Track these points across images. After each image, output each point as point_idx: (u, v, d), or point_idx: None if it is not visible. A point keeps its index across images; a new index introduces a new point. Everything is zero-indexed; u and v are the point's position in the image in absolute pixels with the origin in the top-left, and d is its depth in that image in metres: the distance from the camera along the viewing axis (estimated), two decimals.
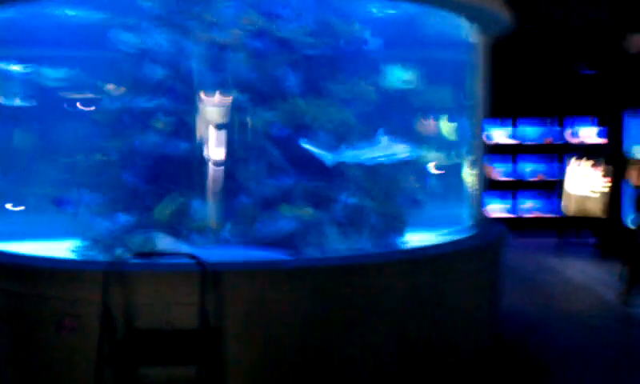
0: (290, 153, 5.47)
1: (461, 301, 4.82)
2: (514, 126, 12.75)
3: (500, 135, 12.70)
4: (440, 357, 4.68)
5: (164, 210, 5.21)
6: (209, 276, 3.76)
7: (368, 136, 5.58)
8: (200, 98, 5.26)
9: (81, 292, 4.06)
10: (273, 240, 5.20)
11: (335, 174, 5.59)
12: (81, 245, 5.35)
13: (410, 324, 4.47)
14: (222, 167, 5.25)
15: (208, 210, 5.21)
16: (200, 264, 3.66)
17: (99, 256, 5.15)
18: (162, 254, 4.28)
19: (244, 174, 5.28)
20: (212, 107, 5.27)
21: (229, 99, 5.27)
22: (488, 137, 12.22)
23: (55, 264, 4.22)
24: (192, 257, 3.71)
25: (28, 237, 5.23)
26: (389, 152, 5.65)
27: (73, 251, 5.28)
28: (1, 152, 5.59)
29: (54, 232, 5.43)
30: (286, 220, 5.24)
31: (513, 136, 12.80)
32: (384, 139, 5.60)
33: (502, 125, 12.50)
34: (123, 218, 5.24)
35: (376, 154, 5.55)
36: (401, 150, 5.75)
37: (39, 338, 4.26)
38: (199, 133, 5.29)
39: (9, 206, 5.48)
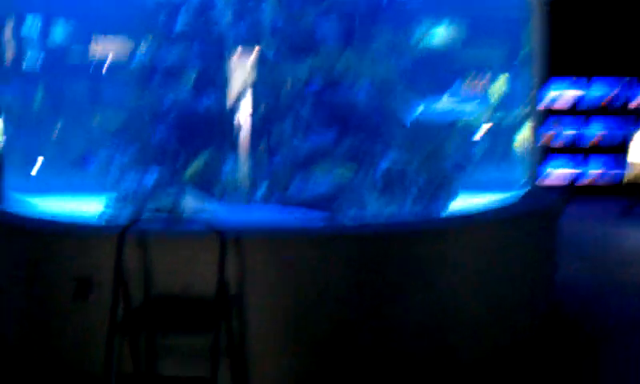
0: (328, 110, 5.11)
1: (512, 271, 4.40)
2: (587, 85, 11.75)
3: (569, 95, 11.78)
4: (490, 332, 4.29)
5: (195, 167, 4.95)
6: (228, 241, 3.46)
7: (412, 93, 5.17)
8: (231, 50, 4.94)
9: (97, 255, 3.83)
10: (307, 202, 4.89)
11: (377, 132, 5.21)
12: (109, 203, 5.15)
13: (456, 296, 4.08)
14: (255, 124, 4.95)
15: (240, 169, 4.92)
16: (217, 229, 3.36)
17: (127, 215, 4.93)
18: (179, 219, 4.01)
19: (278, 131, 4.95)
20: (243, 60, 4.95)
21: (261, 51, 4.94)
22: (554, 98, 11.55)
23: (70, 224, 3.99)
24: (208, 222, 3.43)
25: (58, 193, 5.07)
26: (444, 109, 5.24)
27: (101, 210, 5.08)
28: (30, 110, 5.42)
29: (84, 189, 5.26)
30: (321, 181, 4.91)
31: (583, 97, 11.80)
32: (432, 98, 5.20)
33: (574, 84, 11.71)
34: (152, 176, 5.01)
35: (431, 111, 5.16)
36: (455, 108, 5.32)
37: (56, 303, 4.08)
38: (231, 88, 4.98)
39: (39, 162, 5.32)
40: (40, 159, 5.26)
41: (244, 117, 4.95)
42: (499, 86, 5.77)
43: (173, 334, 3.52)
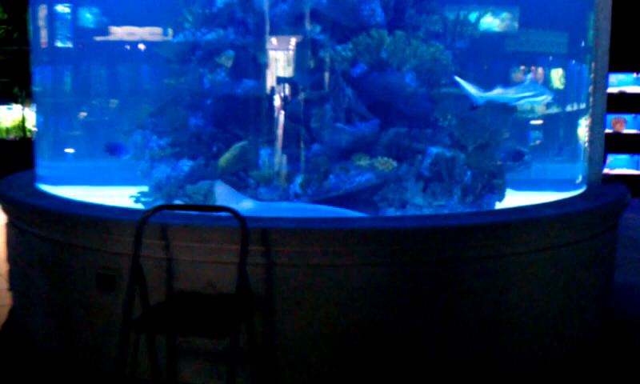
0: (372, 95, 4.77)
1: (566, 274, 4.00)
2: None
3: (633, 87, 11.11)
4: (542, 340, 3.91)
5: (229, 157, 4.69)
6: (252, 232, 3.19)
7: (463, 80, 4.78)
8: (270, 31, 4.66)
9: (118, 245, 3.61)
10: (347, 195, 4.57)
11: (424, 121, 4.85)
12: (141, 193, 4.94)
13: (498, 301, 3.72)
14: (293, 111, 4.65)
15: (276, 159, 4.64)
16: (240, 219, 3.09)
17: (157, 203, 4.71)
18: (198, 207, 3.75)
19: (317, 118, 4.64)
20: (283, 42, 4.66)
21: (304, 32, 4.64)
22: (618, 86, 10.89)
23: (91, 211, 3.78)
24: (229, 210, 3.16)
25: (90, 183, 4.89)
26: (498, 97, 4.85)
27: (132, 200, 4.88)
28: (61, 95, 5.25)
29: (116, 178, 5.08)
30: (363, 173, 4.58)
31: None
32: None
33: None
34: (185, 165, 4.78)
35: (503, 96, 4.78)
36: (510, 96, 4.93)
37: (80, 293, 3.89)
38: (269, 71, 4.70)
39: (69, 150, 5.15)
40: (71, 150, 5.09)
41: (282, 102, 4.66)
42: (560, 72, 5.33)
43: (192, 336, 3.26)
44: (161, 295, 3.51)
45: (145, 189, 4.98)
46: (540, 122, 5.26)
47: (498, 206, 4.85)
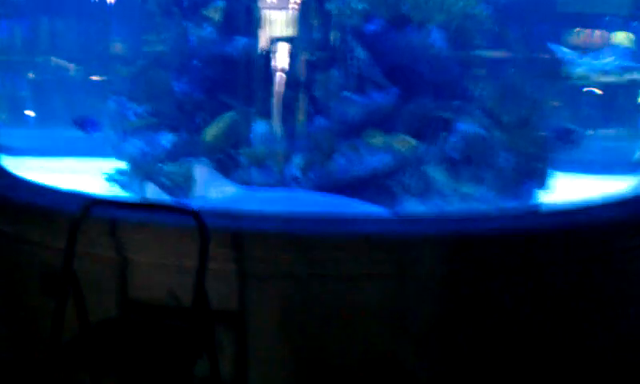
0: (388, 59, 3.95)
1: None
2: None
3: None
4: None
5: (216, 131, 3.93)
6: (220, 236, 2.44)
7: (499, 42, 3.94)
8: None
9: (62, 240, 2.86)
10: (357, 180, 3.79)
11: (452, 90, 4.03)
12: (118, 170, 4.21)
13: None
14: (293, 76, 3.86)
15: (272, 135, 3.86)
16: (197, 220, 2.33)
17: (134, 184, 3.99)
18: (141, 205, 2.95)
19: (322, 86, 3.84)
20: None
21: None
22: None
23: (36, 197, 3.05)
24: (180, 210, 2.40)
25: (57, 153, 4.17)
26: (542, 65, 4.03)
27: (105, 178, 4.15)
28: (19, 52, 4.47)
29: (88, 149, 4.34)
30: (376, 153, 3.79)
31: None
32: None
33: None
34: (165, 139, 4.03)
35: None
36: (556, 63, 4.11)
37: (26, 294, 3.17)
38: (264, 27, 3.89)
39: (29, 112, 4.40)
40: (31, 113, 4.34)
41: (280, 64, 3.86)
42: (619, 37, 4.43)
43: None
44: (111, 304, 2.77)
45: (124, 165, 4.25)
46: (595, 91, 4.38)
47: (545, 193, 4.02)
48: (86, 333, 2.49)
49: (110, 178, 4.14)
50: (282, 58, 3.84)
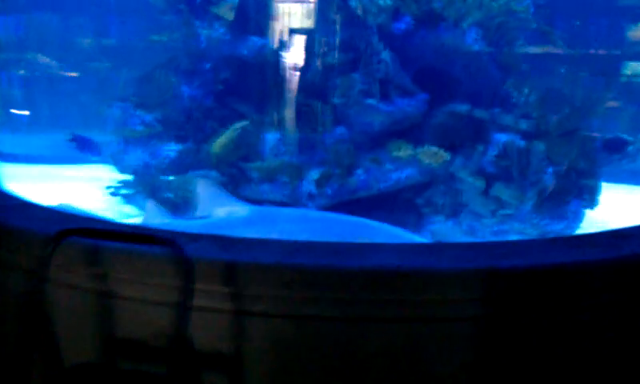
0: (418, 62, 3.53)
1: None
2: None
3: None
4: None
5: (225, 141, 3.56)
6: (213, 268, 2.05)
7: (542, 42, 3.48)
8: None
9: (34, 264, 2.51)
10: (380, 197, 3.38)
11: (490, 96, 3.58)
12: (122, 182, 3.88)
13: None
14: (311, 81, 3.46)
15: (286, 145, 3.47)
16: (177, 251, 1.94)
17: (137, 197, 3.66)
18: (123, 235, 2.57)
19: (342, 92, 3.44)
20: None
21: None
22: None
23: (13, 217, 2.71)
24: (163, 241, 2.02)
25: (57, 160, 3.86)
26: (594, 65, 3.56)
27: (109, 192, 3.83)
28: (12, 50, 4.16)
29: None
30: (402, 168, 3.37)
31: None
32: None
33: None
34: (171, 149, 3.67)
35: None
36: (610, 62, 3.64)
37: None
38: (279, 26, 3.51)
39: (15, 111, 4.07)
40: (26, 112, 4.02)
41: (298, 67, 3.47)
42: None
43: None
44: (89, 344, 2.41)
45: (129, 177, 3.91)
46: None
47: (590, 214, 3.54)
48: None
49: (114, 193, 3.82)
50: (297, 61, 3.45)
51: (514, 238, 3.32)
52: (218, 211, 3.17)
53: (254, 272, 2.22)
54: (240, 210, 3.09)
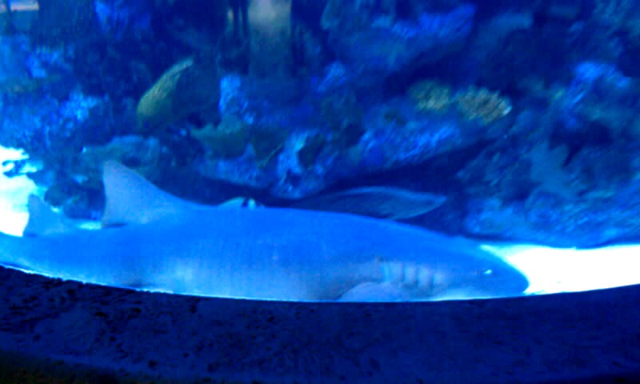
0: None
1: None
2: None
3: None
4: None
5: (159, 95, 2.31)
6: None
7: None
8: None
9: None
10: (397, 173, 2.17)
11: (571, 5, 2.29)
12: (22, 160, 2.70)
13: None
14: None
15: (251, 96, 2.23)
16: None
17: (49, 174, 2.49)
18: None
19: (337, 10, 2.16)
20: None
21: None
22: None
23: None
24: None
25: None
26: None
27: (3, 173, 2.66)
28: None
29: None
30: (433, 126, 2.15)
31: None
32: None
33: None
34: (78, 107, 2.46)
35: None
36: None
37: None
38: None
39: None
40: None
41: None
42: None
43: None
44: None
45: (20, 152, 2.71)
46: None
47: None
48: None
49: (10, 174, 2.63)
50: None
51: (612, 234, 2.13)
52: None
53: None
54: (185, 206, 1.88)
